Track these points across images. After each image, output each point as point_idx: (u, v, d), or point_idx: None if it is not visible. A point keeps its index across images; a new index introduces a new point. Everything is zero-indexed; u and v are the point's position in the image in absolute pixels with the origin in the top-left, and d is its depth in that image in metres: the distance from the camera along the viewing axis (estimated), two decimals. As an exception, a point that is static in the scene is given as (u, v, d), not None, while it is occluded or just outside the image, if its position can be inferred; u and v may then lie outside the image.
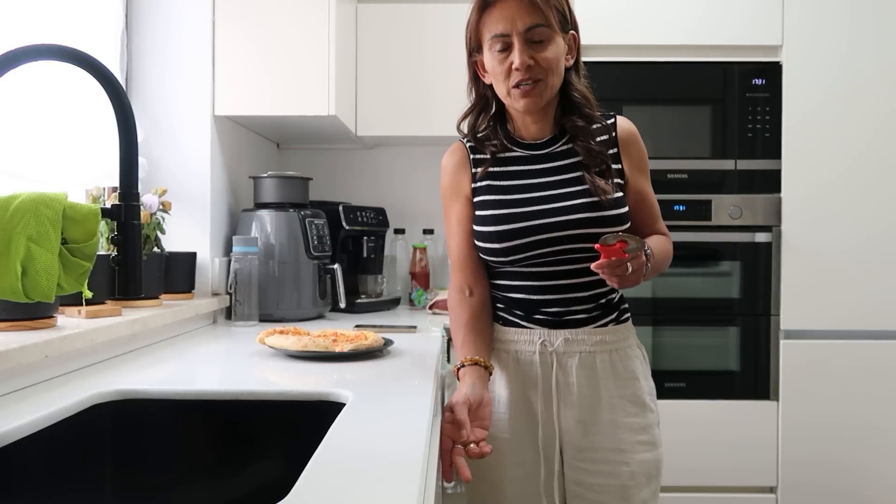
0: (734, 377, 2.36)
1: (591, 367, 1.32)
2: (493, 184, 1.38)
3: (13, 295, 0.94)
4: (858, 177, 2.31)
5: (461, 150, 1.43)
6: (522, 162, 1.38)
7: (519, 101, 1.30)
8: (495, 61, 1.30)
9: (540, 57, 1.27)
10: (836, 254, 2.31)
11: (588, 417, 1.32)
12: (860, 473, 2.30)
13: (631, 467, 1.30)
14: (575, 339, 1.33)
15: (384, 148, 2.89)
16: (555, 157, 1.36)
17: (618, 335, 1.36)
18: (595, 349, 1.33)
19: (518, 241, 1.31)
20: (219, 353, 1.71)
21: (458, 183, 1.41)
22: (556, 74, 1.31)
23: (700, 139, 2.35)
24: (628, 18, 2.34)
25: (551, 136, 1.37)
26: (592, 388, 1.32)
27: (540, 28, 1.27)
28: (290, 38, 2.14)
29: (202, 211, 2.11)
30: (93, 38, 1.86)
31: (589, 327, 1.34)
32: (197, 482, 1.20)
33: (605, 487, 1.31)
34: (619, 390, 1.33)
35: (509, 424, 1.34)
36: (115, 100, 0.99)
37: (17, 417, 1.00)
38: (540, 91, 1.29)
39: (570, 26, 1.34)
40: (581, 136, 1.34)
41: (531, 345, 1.34)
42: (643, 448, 1.32)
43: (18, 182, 1.54)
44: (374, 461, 0.85)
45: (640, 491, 1.31)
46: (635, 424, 1.33)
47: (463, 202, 1.40)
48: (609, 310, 1.37)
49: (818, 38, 2.31)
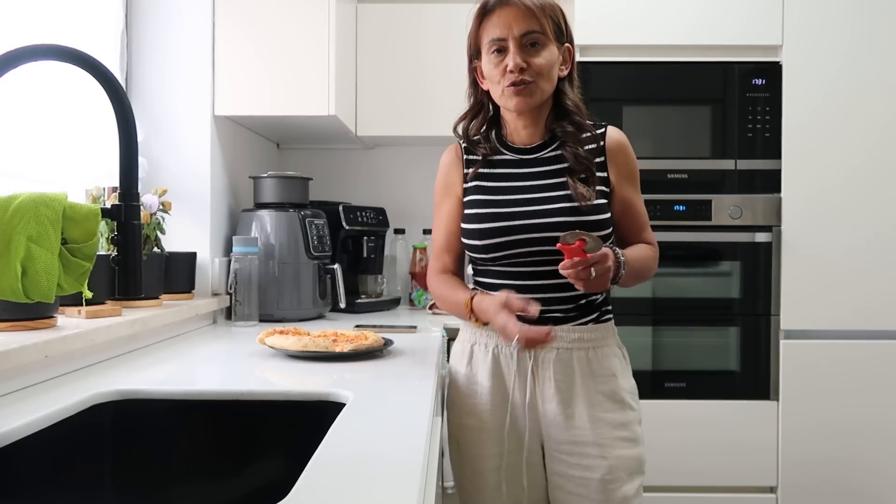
0: (734, 377, 2.36)
1: (567, 362, 1.38)
2: (481, 184, 1.45)
3: (13, 295, 0.94)
4: (858, 176, 2.31)
5: (457, 150, 1.52)
6: (511, 165, 1.45)
7: (511, 99, 1.37)
8: (491, 64, 1.39)
9: (533, 61, 1.35)
10: (836, 254, 2.31)
11: (567, 411, 1.37)
12: (860, 473, 2.30)
13: (609, 461, 1.34)
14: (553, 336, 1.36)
15: (384, 148, 2.89)
16: (542, 162, 1.43)
17: (596, 334, 1.41)
18: (572, 346, 1.38)
19: (499, 239, 1.38)
20: (219, 353, 1.71)
21: (451, 181, 1.50)
22: (548, 79, 1.38)
23: (700, 139, 2.35)
24: (628, 18, 2.34)
25: (541, 143, 1.45)
26: (568, 384, 1.38)
27: (534, 34, 1.35)
28: (290, 38, 2.14)
29: (202, 211, 2.11)
30: (93, 38, 1.86)
31: (568, 325, 1.39)
32: (197, 482, 1.20)
33: (585, 481, 1.36)
34: (596, 386, 1.38)
35: (490, 414, 1.42)
36: (115, 100, 0.99)
37: (17, 417, 1.00)
38: (531, 92, 1.37)
39: (565, 39, 1.42)
40: (570, 142, 1.40)
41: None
42: (623, 444, 1.36)
43: (18, 182, 1.55)
44: (374, 461, 0.85)
45: (621, 486, 1.34)
46: (614, 420, 1.37)
47: (453, 199, 1.49)
48: (589, 310, 1.42)
49: (818, 37, 2.31)
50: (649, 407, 2.06)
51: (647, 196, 1.51)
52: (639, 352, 2.30)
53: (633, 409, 1.41)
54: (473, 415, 1.43)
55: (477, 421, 1.42)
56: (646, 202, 1.50)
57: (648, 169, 2.23)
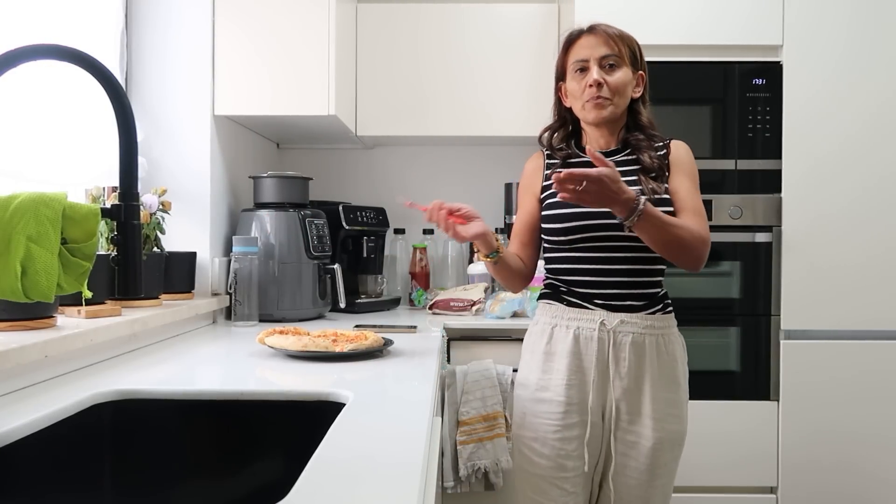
0: (734, 377, 2.36)
1: (640, 346, 1.55)
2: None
3: (13, 295, 0.94)
4: (859, 177, 2.31)
5: (540, 157, 1.73)
6: (589, 167, 1.55)
7: (590, 112, 1.59)
8: (574, 81, 1.62)
9: (610, 80, 1.57)
10: (836, 254, 2.30)
11: (633, 387, 1.55)
12: (860, 473, 2.30)
13: (660, 434, 1.54)
14: (629, 322, 1.55)
15: (384, 148, 2.89)
16: (616, 164, 1.54)
17: (664, 322, 1.59)
18: (645, 332, 1.56)
19: (579, 234, 1.57)
20: (219, 353, 1.71)
21: (531, 182, 1.71)
22: (622, 97, 1.60)
23: (700, 139, 2.35)
24: (628, 18, 2.31)
25: (614, 149, 1.64)
26: (639, 364, 1.55)
27: (612, 57, 1.59)
28: (290, 37, 2.14)
29: (202, 211, 2.11)
30: (93, 38, 1.86)
31: (641, 313, 1.57)
32: (197, 482, 1.20)
33: (638, 445, 1.55)
34: (660, 369, 1.56)
35: (565, 390, 1.56)
36: (115, 100, 0.99)
37: (17, 417, 1.00)
38: (605, 105, 1.58)
39: (639, 66, 1.64)
40: (644, 148, 1.61)
41: (592, 322, 1.56)
42: (673, 420, 1.56)
43: (18, 182, 1.55)
44: (374, 461, 0.85)
45: (664, 454, 1.55)
46: (670, 399, 1.56)
47: (532, 199, 1.70)
48: (656, 301, 1.59)
49: (818, 37, 2.31)
50: (649, 407, 2.06)
51: (647, 196, 1.51)
52: (639, 352, 2.30)
53: (685, 391, 1.61)
54: (549, 389, 1.57)
55: (552, 395, 1.56)
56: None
57: (648, 169, 2.25)
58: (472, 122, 2.55)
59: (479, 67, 2.56)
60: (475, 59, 2.55)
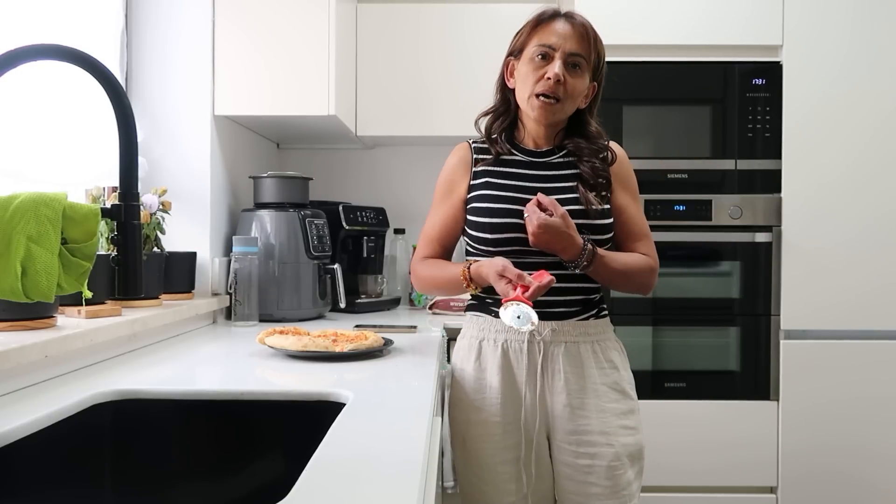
0: (734, 377, 2.36)
1: (575, 355, 1.45)
2: (491, 181, 1.52)
3: (13, 295, 0.94)
4: (859, 176, 2.30)
5: (466, 150, 1.58)
6: (522, 166, 1.53)
7: (535, 109, 1.46)
8: (531, 65, 1.45)
9: (569, 81, 1.44)
10: (836, 254, 2.30)
11: (575, 402, 1.43)
12: (860, 473, 2.30)
13: (615, 449, 1.41)
14: (561, 330, 1.45)
15: (384, 148, 2.89)
16: (552, 166, 1.51)
17: (598, 328, 1.49)
18: (579, 339, 1.46)
19: (508, 234, 1.45)
20: (219, 353, 1.71)
21: (455, 179, 1.56)
22: (573, 103, 1.48)
23: (700, 139, 2.35)
24: (628, 18, 2.34)
25: (549, 149, 1.54)
26: (577, 376, 1.44)
27: (580, 58, 1.45)
28: (290, 38, 2.14)
29: (202, 211, 2.11)
30: (93, 38, 1.86)
31: (573, 320, 1.46)
32: (197, 482, 1.20)
33: (593, 468, 1.42)
34: (601, 378, 1.45)
35: (500, 409, 1.45)
36: (115, 100, 0.99)
37: (17, 417, 1.00)
38: (555, 110, 1.46)
39: (597, 76, 1.51)
40: (585, 156, 1.50)
41: (519, 334, 1.44)
42: (626, 432, 1.44)
43: (18, 182, 1.55)
44: (374, 461, 0.85)
45: (625, 472, 1.42)
46: (618, 409, 1.44)
47: (454, 197, 1.54)
48: (589, 306, 1.49)
49: (818, 37, 2.31)
50: (649, 407, 2.06)
51: (647, 196, 1.53)
52: (639, 352, 2.30)
53: (633, 399, 1.49)
54: (483, 410, 1.46)
55: (486, 416, 1.46)
56: (646, 202, 1.52)
57: (648, 169, 2.25)
58: (472, 121, 2.54)
59: (480, 67, 2.55)
60: (475, 59, 2.54)
